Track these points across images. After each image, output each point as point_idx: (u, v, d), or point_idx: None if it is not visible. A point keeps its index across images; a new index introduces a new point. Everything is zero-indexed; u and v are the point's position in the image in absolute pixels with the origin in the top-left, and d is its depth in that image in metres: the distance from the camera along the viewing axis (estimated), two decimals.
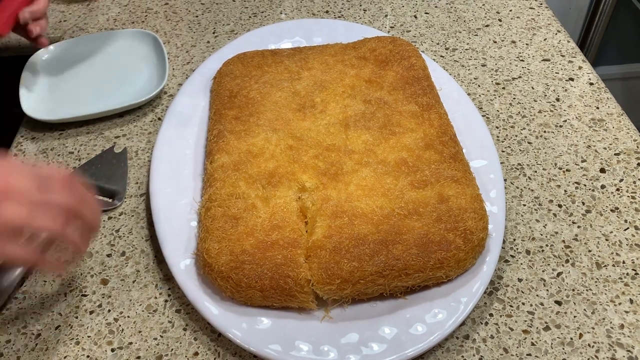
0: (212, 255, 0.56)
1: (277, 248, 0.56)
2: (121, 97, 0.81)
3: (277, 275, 0.54)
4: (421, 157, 0.65)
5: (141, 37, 0.89)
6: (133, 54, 0.88)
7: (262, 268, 0.55)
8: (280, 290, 0.54)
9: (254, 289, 0.54)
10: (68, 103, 0.81)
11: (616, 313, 0.58)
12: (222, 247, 0.57)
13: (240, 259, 0.55)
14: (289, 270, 0.55)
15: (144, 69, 0.85)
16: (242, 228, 0.58)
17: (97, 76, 0.85)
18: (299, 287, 0.54)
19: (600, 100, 0.80)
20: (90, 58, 0.87)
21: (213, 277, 0.56)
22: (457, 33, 0.92)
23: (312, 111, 0.70)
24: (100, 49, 0.89)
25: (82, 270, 0.62)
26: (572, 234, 0.65)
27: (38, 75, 0.84)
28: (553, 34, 0.91)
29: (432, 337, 0.54)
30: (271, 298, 0.55)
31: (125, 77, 0.85)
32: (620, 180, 0.70)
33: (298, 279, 0.54)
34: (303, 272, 0.55)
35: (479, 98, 0.81)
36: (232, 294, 0.55)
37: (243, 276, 0.54)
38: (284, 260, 0.56)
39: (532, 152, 0.73)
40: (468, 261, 0.58)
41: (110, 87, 0.83)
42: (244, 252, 0.56)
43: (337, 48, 0.79)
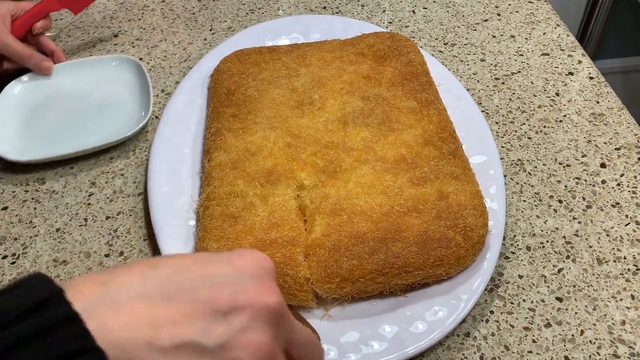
0: None
1: (276, 247, 0.56)
2: (102, 132, 0.75)
3: (276, 274, 0.54)
4: (420, 153, 0.64)
5: (123, 64, 0.83)
6: (114, 82, 0.81)
7: None
8: (280, 288, 0.53)
9: None
10: (43, 141, 0.74)
11: (617, 309, 0.58)
12: (221, 246, 0.56)
13: None
14: (288, 269, 0.54)
15: (127, 99, 0.79)
16: (240, 227, 0.58)
17: (75, 109, 0.79)
18: (299, 286, 0.54)
19: (600, 94, 0.80)
20: (67, 89, 0.81)
21: None
22: (455, 28, 0.91)
23: (310, 108, 0.70)
24: (77, 78, 0.82)
25: (80, 271, 0.62)
26: (572, 229, 0.64)
27: (10, 111, 0.77)
28: (552, 28, 0.91)
29: (433, 335, 0.54)
30: None
31: (106, 109, 0.78)
32: (621, 175, 0.70)
33: (297, 278, 0.54)
34: (302, 271, 0.55)
35: (478, 93, 0.80)
36: None
37: None
38: (282, 258, 0.55)
39: (532, 148, 0.73)
40: (468, 258, 0.57)
41: (90, 121, 0.77)
42: None
43: (335, 44, 0.79)
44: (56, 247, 0.64)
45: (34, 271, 0.62)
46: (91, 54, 0.88)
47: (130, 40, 0.91)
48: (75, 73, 0.83)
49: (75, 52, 0.89)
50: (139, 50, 0.89)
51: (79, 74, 0.83)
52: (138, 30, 0.93)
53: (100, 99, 0.80)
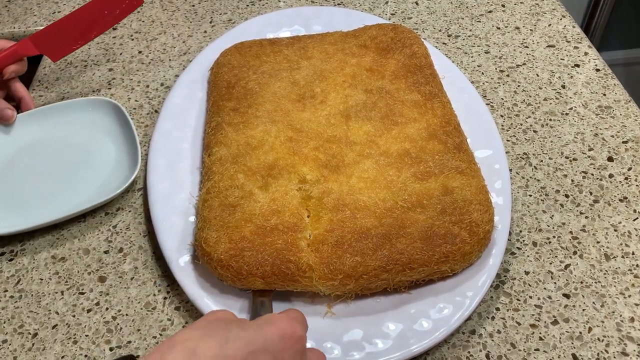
0: (210, 244, 0.55)
1: (277, 233, 0.55)
2: (84, 191, 0.66)
3: (279, 260, 0.53)
4: (424, 147, 0.63)
5: (99, 108, 0.73)
6: (93, 131, 0.71)
7: (263, 254, 0.54)
8: (283, 275, 0.53)
9: (255, 276, 0.53)
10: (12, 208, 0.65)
11: (626, 306, 0.56)
12: (221, 235, 0.55)
13: (240, 246, 0.54)
14: (290, 255, 0.54)
15: (109, 149, 0.69)
16: (239, 214, 0.57)
17: (48, 166, 0.69)
18: (301, 272, 0.53)
19: (607, 86, 0.78)
20: (36, 143, 0.71)
21: (213, 266, 0.55)
22: (459, 19, 0.90)
23: (312, 102, 0.68)
24: (48, 129, 0.71)
25: (79, 267, 0.61)
26: (579, 224, 0.63)
27: None
28: (558, 19, 0.89)
29: (438, 332, 0.53)
30: (274, 284, 0.54)
31: (86, 163, 0.69)
32: (629, 168, 0.68)
33: (300, 264, 0.53)
34: (305, 257, 0.54)
35: (482, 86, 0.79)
36: (233, 282, 0.54)
37: (243, 263, 0.53)
38: (284, 245, 0.54)
39: (537, 141, 0.72)
40: (474, 254, 0.56)
41: (68, 179, 0.67)
42: (243, 238, 0.55)
43: (337, 36, 0.77)
44: (55, 244, 0.63)
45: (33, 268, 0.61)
46: (89, 48, 0.87)
47: (129, 33, 0.90)
48: (45, 122, 0.72)
49: None
50: (138, 43, 0.88)
51: (50, 123, 0.72)
52: (137, 22, 0.92)
53: (78, 151, 0.70)
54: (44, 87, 0.82)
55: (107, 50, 0.87)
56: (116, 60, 0.85)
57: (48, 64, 0.85)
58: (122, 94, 0.80)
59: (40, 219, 0.62)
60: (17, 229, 0.62)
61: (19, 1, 0.96)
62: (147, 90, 0.80)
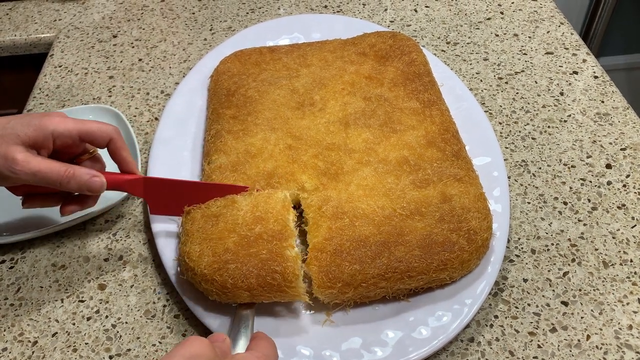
0: (193, 259, 0.54)
1: (262, 243, 0.54)
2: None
3: (264, 272, 0.52)
4: (423, 155, 0.63)
5: (99, 115, 0.73)
6: None
7: (247, 266, 0.52)
8: (269, 287, 0.52)
9: (241, 289, 0.52)
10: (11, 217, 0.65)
11: (624, 313, 0.57)
12: (204, 249, 0.54)
13: (224, 259, 0.53)
14: (275, 265, 0.52)
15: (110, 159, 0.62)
16: (222, 225, 0.55)
17: None
18: (287, 282, 0.52)
19: (605, 93, 0.79)
20: None
21: (197, 281, 0.54)
22: (458, 27, 0.90)
23: (311, 109, 0.69)
24: None
25: (79, 275, 0.61)
26: (578, 232, 0.63)
27: None
28: (556, 26, 0.89)
29: (436, 341, 0.53)
30: (260, 296, 0.53)
31: None
32: (627, 176, 0.69)
33: (286, 274, 0.52)
34: (290, 266, 0.52)
35: (481, 93, 0.79)
36: (218, 296, 0.53)
37: (228, 277, 0.52)
38: (269, 255, 0.53)
39: (536, 148, 0.72)
40: (472, 262, 0.56)
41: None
42: (226, 250, 0.53)
43: (336, 44, 0.78)
44: (55, 252, 0.64)
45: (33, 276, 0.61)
46: (90, 55, 0.88)
47: (130, 41, 0.90)
48: None
49: (75, 53, 0.88)
50: (138, 50, 0.88)
51: None
52: (137, 30, 0.92)
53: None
54: (45, 95, 0.82)
55: (108, 58, 0.87)
56: (116, 68, 0.85)
57: (49, 71, 0.85)
58: (122, 101, 0.80)
59: (40, 227, 0.63)
60: (17, 238, 0.62)
61: (20, 9, 0.97)
62: (147, 98, 0.81)
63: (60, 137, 0.54)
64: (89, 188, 0.54)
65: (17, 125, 0.52)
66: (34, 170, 0.51)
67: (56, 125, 0.53)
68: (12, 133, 0.51)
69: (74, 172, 0.53)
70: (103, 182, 0.55)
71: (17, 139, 0.51)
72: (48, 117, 0.53)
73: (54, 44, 0.90)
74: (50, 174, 0.52)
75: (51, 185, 0.53)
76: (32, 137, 0.52)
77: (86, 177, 0.54)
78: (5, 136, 0.51)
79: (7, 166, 0.51)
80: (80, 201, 0.58)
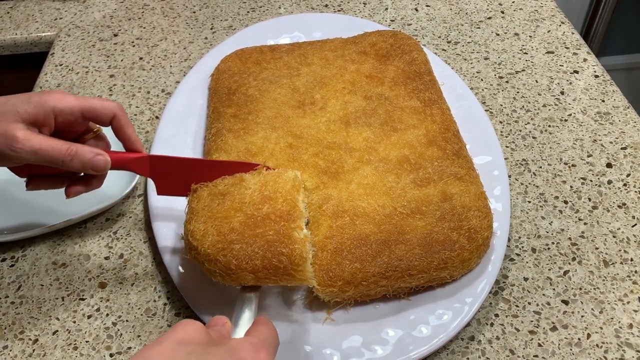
0: (196, 238, 0.51)
1: (269, 223, 0.51)
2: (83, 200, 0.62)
3: (270, 253, 0.49)
4: (423, 154, 0.63)
5: None
6: None
7: (253, 247, 0.50)
8: (274, 269, 0.49)
9: (245, 271, 0.49)
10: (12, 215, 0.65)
11: (625, 312, 0.57)
12: (208, 228, 0.51)
13: (228, 239, 0.50)
14: (282, 247, 0.49)
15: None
16: (229, 204, 0.52)
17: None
18: (294, 266, 0.49)
19: (605, 93, 0.79)
20: None
21: (200, 262, 0.52)
22: (459, 26, 0.90)
23: (311, 108, 0.69)
24: None
25: (80, 273, 0.61)
26: (578, 231, 0.63)
27: None
28: (557, 25, 0.89)
29: (437, 339, 0.53)
30: (265, 279, 0.50)
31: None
32: (627, 175, 0.69)
33: (293, 257, 0.49)
34: (298, 248, 0.50)
35: (482, 92, 0.79)
36: (221, 278, 0.51)
37: (232, 258, 0.49)
38: (276, 236, 0.50)
39: (536, 148, 0.72)
40: (473, 260, 0.56)
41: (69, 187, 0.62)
42: (232, 230, 0.51)
43: (337, 43, 0.78)
44: (55, 250, 0.64)
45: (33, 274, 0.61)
46: (90, 54, 0.88)
47: (130, 40, 0.90)
48: None
49: (75, 51, 0.88)
50: (139, 49, 0.88)
51: None
52: (138, 29, 0.92)
53: None
54: None
55: (109, 57, 0.87)
56: (117, 67, 0.85)
57: (50, 70, 0.85)
58: (123, 100, 0.80)
59: (41, 226, 0.63)
60: (18, 236, 0.62)
61: (20, 7, 0.97)
62: (148, 97, 0.81)
63: (61, 114, 0.52)
64: (92, 167, 0.52)
65: (17, 102, 0.50)
66: (34, 148, 0.49)
67: (57, 102, 0.51)
68: (12, 110, 0.50)
69: (76, 150, 0.51)
70: (107, 160, 0.53)
71: (17, 117, 0.50)
72: (49, 94, 0.52)
73: (55, 43, 0.90)
74: (51, 151, 0.50)
75: (53, 165, 0.51)
76: (33, 114, 0.50)
77: (90, 155, 0.52)
78: (5, 114, 0.49)
79: (7, 144, 0.49)
80: (86, 182, 0.56)
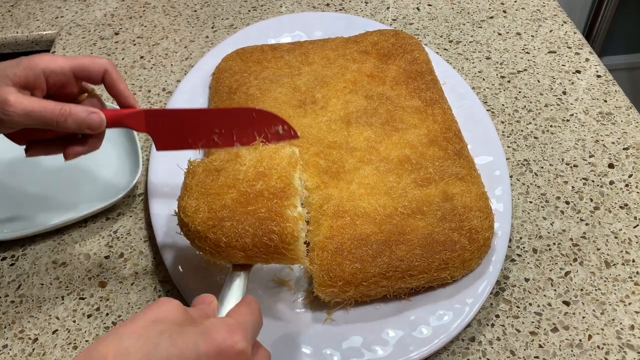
0: (188, 214, 0.50)
1: (262, 200, 0.49)
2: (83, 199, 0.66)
3: (261, 231, 0.48)
4: (425, 154, 0.63)
5: None
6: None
7: (243, 224, 0.48)
8: (265, 248, 0.48)
9: (235, 249, 0.48)
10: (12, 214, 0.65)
11: (626, 313, 0.56)
12: (200, 204, 0.50)
13: (219, 216, 0.49)
14: (274, 225, 0.48)
15: (110, 154, 0.69)
16: (223, 180, 0.51)
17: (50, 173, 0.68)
18: (285, 245, 0.48)
19: (608, 93, 0.78)
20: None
21: (191, 238, 0.51)
22: (460, 25, 0.90)
23: (312, 107, 0.69)
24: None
25: (80, 273, 0.61)
26: (580, 231, 0.63)
27: None
28: (559, 25, 0.89)
29: (437, 340, 0.53)
30: (256, 258, 0.49)
31: (87, 168, 0.68)
32: (630, 175, 0.68)
33: (284, 235, 0.48)
34: (290, 227, 0.48)
35: (483, 92, 0.79)
36: (211, 255, 0.50)
37: (222, 235, 0.48)
38: (268, 214, 0.48)
39: (538, 148, 0.72)
40: (474, 261, 0.56)
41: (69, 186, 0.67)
42: (224, 207, 0.49)
43: (338, 42, 0.78)
44: (55, 249, 0.63)
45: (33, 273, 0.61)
46: (92, 52, 0.88)
47: (131, 38, 0.90)
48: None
49: (76, 50, 0.88)
50: (140, 48, 0.88)
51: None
52: (139, 27, 0.92)
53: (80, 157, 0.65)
54: None
55: (109, 55, 0.87)
56: (118, 65, 0.85)
57: None
58: None
59: (41, 224, 0.63)
60: (18, 234, 0.62)
61: (22, 6, 0.97)
62: (149, 95, 0.81)
63: (52, 75, 0.52)
64: (88, 125, 0.52)
65: (6, 67, 0.51)
66: (27, 110, 0.49)
67: (47, 63, 0.51)
68: (2, 75, 0.50)
69: (70, 109, 0.51)
70: (102, 118, 0.53)
71: (8, 80, 0.49)
72: (38, 57, 0.52)
73: (56, 41, 0.90)
74: (44, 112, 0.50)
75: (48, 126, 0.51)
76: (23, 77, 0.50)
77: (84, 113, 0.51)
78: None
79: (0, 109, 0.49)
80: (84, 142, 0.55)
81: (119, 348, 0.34)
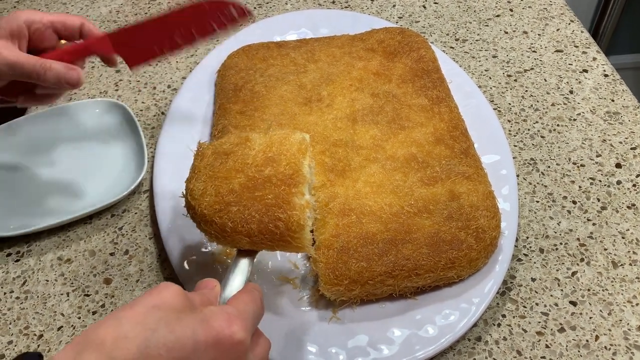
0: (195, 197, 0.49)
1: (269, 186, 0.48)
2: (89, 195, 0.66)
3: (267, 218, 0.47)
4: (431, 152, 0.63)
5: (107, 110, 0.73)
6: (100, 132, 0.71)
7: (250, 210, 0.47)
8: (270, 235, 0.47)
9: (241, 234, 0.48)
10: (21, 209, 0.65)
11: (633, 314, 0.56)
12: (207, 187, 0.49)
13: (226, 200, 0.48)
14: (280, 212, 0.47)
15: (115, 151, 0.70)
16: (231, 164, 0.50)
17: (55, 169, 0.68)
18: (291, 232, 0.47)
19: (615, 92, 0.78)
20: (42, 144, 0.70)
21: (197, 221, 0.50)
22: (467, 23, 0.89)
23: (318, 105, 0.68)
24: (56, 130, 0.71)
25: (85, 269, 0.61)
26: (587, 231, 0.63)
27: None
28: (566, 24, 0.89)
29: (443, 339, 0.52)
30: (261, 244, 0.48)
31: (92, 165, 0.69)
32: (637, 175, 0.68)
33: (290, 222, 0.47)
34: (296, 214, 0.47)
35: (490, 91, 0.79)
36: (217, 239, 0.49)
37: (228, 220, 0.47)
38: (274, 200, 0.48)
39: (545, 147, 0.71)
40: (480, 260, 0.56)
41: (74, 182, 0.67)
42: (231, 191, 0.48)
43: (344, 40, 0.77)
44: (61, 245, 0.63)
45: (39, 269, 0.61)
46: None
47: None
48: (52, 124, 0.72)
49: None
50: None
51: (57, 124, 0.72)
52: None
53: (85, 153, 0.70)
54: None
55: None
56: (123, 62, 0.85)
57: None
58: (129, 95, 0.80)
59: (46, 221, 0.63)
60: (23, 231, 0.62)
61: (27, 2, 0.97)
62: (154, 92, 0.80)
63: (34, 23, 0.57)
64: (66, 80, 0.56)
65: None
66: (11, 60, 0.54)
67: (28, 14, 0.57)
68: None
69: (50, 64, 0.56)
70: (80, 74, 0.57)
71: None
72: (20, 10, 0.58)
73: None
74: (27, 64, 0.55)
75: (30, 78, 0.56)
76: (7, 29, 0.56)
77: (63, 69, 0.56)
78: None
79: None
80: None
81: (117, 332, 0.34)
